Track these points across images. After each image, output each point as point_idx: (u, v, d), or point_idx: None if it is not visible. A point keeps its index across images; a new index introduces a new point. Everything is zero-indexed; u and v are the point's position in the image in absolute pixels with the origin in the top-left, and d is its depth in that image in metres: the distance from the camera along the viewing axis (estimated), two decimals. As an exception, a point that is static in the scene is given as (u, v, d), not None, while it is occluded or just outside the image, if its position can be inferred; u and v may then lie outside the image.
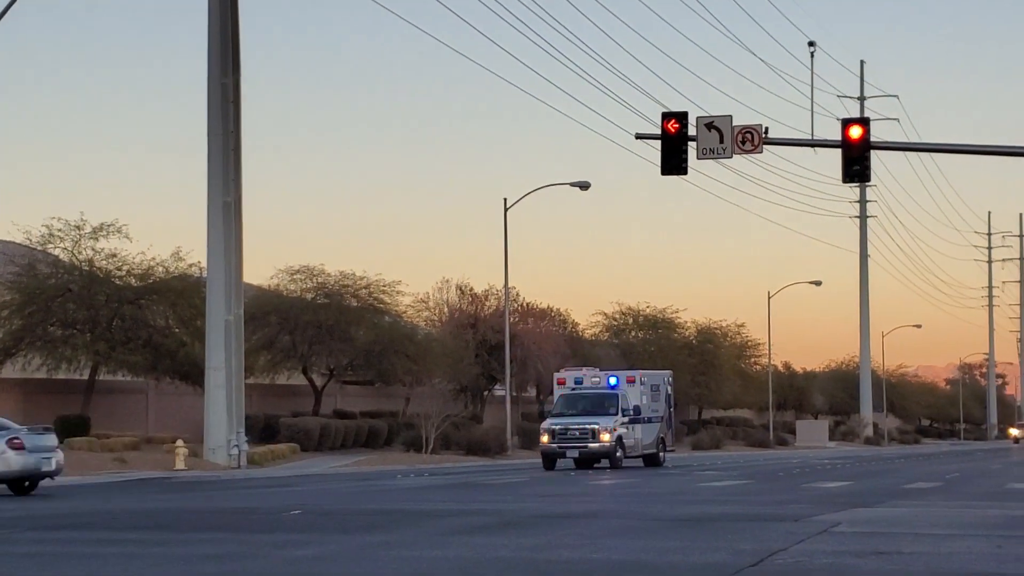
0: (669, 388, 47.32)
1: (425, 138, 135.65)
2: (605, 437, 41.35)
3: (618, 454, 41.54)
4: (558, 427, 41.89)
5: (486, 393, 68.27)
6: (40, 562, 13.64)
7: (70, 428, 45.58)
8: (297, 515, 20.26)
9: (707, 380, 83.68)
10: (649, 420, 44.20)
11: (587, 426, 41.46)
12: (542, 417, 44.60)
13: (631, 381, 44.41)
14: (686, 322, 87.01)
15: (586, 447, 41.42)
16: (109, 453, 41.16)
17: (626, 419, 42.25)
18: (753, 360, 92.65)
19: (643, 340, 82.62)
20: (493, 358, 64.86)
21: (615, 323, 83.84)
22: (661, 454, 45.29)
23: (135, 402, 53.61)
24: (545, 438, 42.40)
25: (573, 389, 44.07)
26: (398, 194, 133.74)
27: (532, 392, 73.75)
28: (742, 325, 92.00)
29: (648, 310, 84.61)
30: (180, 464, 39.19)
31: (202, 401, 43.50)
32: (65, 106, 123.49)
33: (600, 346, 78.26)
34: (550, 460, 42.21)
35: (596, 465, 41.99)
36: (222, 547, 15.00)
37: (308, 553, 14.19)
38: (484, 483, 32.42)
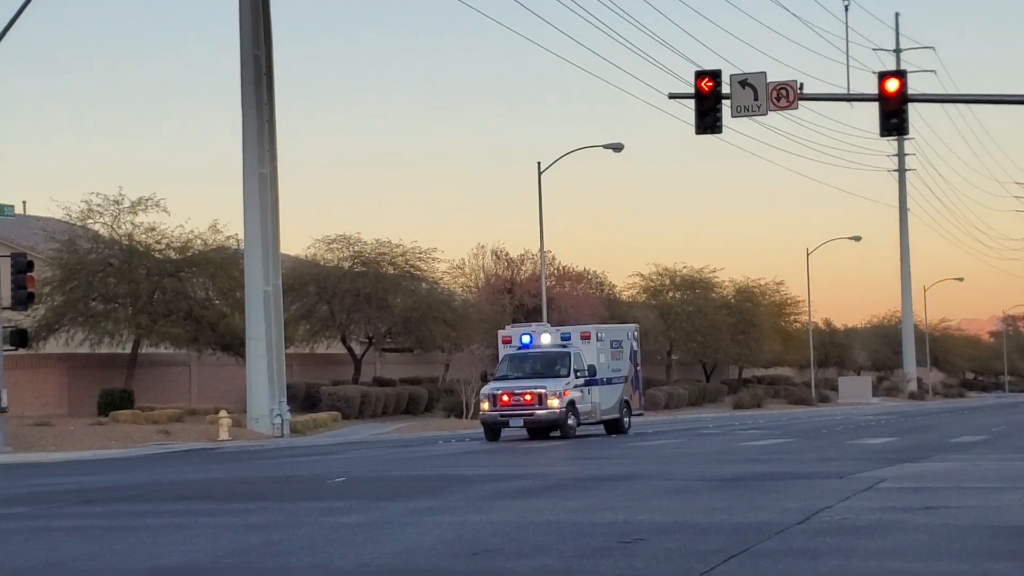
0: (635, 344, 40.84)
1: (458, 104, 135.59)
2: (553, 402, 35.81)
3: (570, 421, 36.04)
4: (500, 392, 36.20)
5: (525, 357, 68.22)
6: (87, 535, 13.73)
7: (114, 401, 45.97)
8: (341, 482, 20.34)
9: (747, 339, 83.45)
10: (609, 381, 38.35)
11: (533, 390, 35.93)
12: (484, 381, 38.60)
13: (586, 337, 38.27)
14: (724, 282, 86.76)
15: (532, 415, 35.83)
16: (153, 425, 41.44)
17: (580, 381, 36.64)
18: (793, 318, 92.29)
19: (681, 301, 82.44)
20: (531, 322, 64.78)
21: (652, 284, 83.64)
22: (626, 419, 39.18)
23: (178, 374, 53.95)
24: (485, 405, 36.52)
25: (520, 348, 38.13)
26: (432, 161, 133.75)
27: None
28: (781, 283, 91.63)
29: (685, 270, 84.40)
30: (224, 434, 39.41)
31: (244, 372, 43.73)
32: (101, 83, 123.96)
33: (638, 307, 78.15)
34: (492, 430, 36.49)
35: (552, 435, 36.47)
36: (268, 516, 15.07)
37: (353, 520, 14.24)
38: (525, 447, 32.46)
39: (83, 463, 31.22)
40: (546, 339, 37.98)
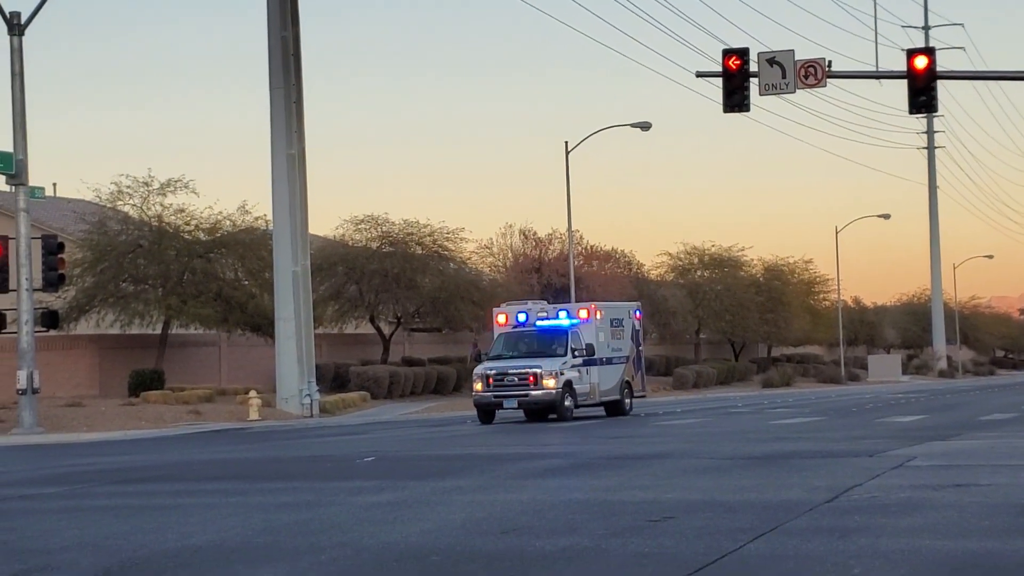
0: (636, 323, 39.61)
1: (485, 84, 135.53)
2: (549, 383, 34.44)
3: (567, 403, 34.78)
4: (493, 372, 34.96)
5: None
6: (118, 515, 13.82)
7: (145, 382, 46.22)
8: (370, 462, 20.41)
9: (775, 317, 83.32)
10: (609, 361, 37.17)
11: (528, 370, 34.59)
12: (477, 361, 37.43)
13: (584, 315, 36.99)
14: (752, 260, 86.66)
15: (526, 395, 34.57)
16: (184, 406, 41.65)
17: (578, 360, 35.38)
18: (822, 296, 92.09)
19: (709, 279, 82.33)
20: (559, 302, 64.82)
21: (680, 263, 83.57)
22: (627, 401, 37.89)
23: (207, 355, 54.19)
24: (478, 385, 35.24)
25: (516, 327, 36.81)
26: (459, 141, 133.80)
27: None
28: (810, 261, 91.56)
29: (713, 249, 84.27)
30: (254, 414, 39.58)
31: (273, 352, 43.88)
32: (129, 65, 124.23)
33: (665, 286, 78.08)
34: (485, 412, 35.21)
35: (550, 417, 35.23)
36: (299, 495, 15.14)
37: (383, 499, 14.30)
38: (554, 426, 32.50)
39: (114, 443, 31.41)
40: (543, 317, 36.77)
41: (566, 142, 59.04)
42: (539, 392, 34.51)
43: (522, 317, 36.76)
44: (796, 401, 50.09)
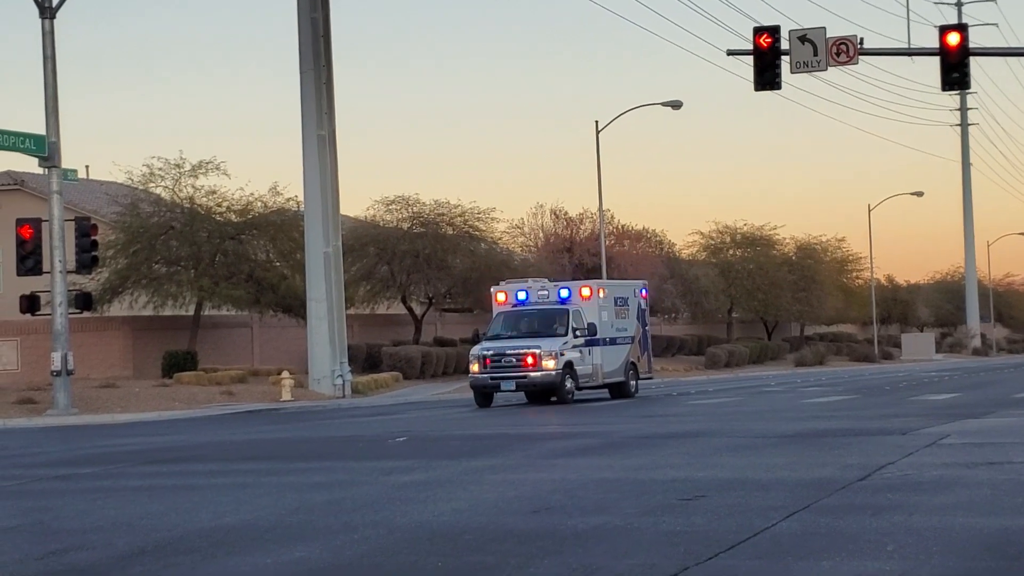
0: (642, 302, 37.82)
1: (514, 62, 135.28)
2: (549, 363, 32.87)
3: (567, 385, 33.24)
4: (491, 352, 33.28)
5: (585, 316, 68.23)
6: (152, 495, 13.91)
7: (178, 363, 46.41)
8: (403, 442, 20.47)
9: (808, 296, 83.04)
10: (613, 342, 35.49)
11: (527, 350, 33.06)
12: (475, 341, 35.77)
13: (587, 294, 35.22)
14: (785, 239, 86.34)
15: (525, 376, 32.94)
16: (217, 387, 41.82)
17: (580, 341, 33.81)
18: (855, 274, 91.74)
19: (741, 258, 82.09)
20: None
21: (712, 242, 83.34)
22: (632, 383, 36.28)
23: (240, 336, 54.37)
24: (475, 367, 33.53)
25: (515, 306, 35.10)
26: (489, 120, 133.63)
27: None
28: (842, 240, 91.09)
29: (745, 228, 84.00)
30: (286, 395, 39.71)
31: (305, 333, 44.00)
32: (161, 47, 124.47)
33: (698, 265, 77.92)
34: (483, 395, 33.68)
35: (552, 400, 33.79)
36: (331, 475, 15.20)
37: (415, 478, 14.34)
38: (586, 406, 32.51)
39: (148, 424, 31.59)
40: (543, 295, 35.14)
41: (596, 121, 58.96)
42: (538, 373, 32.95)
43: (522, 295, 35.24)
44: (829, 380, 49.95)
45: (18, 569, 9.48)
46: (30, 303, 35.54)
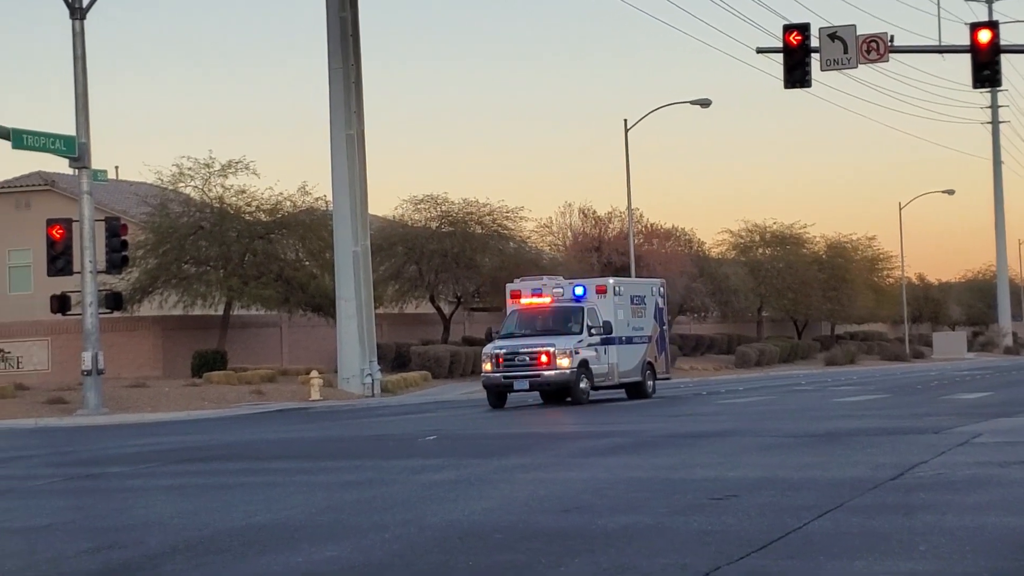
0: (660, 300, 37.11)
1: (542, 61, 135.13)
2: (563, 362, 32.17)
3: (582, 384, 32.50)
4: (504, 351, 32.60)
5: (613, 315, 68.13)
6: (183, 494, 13.94)
7: (208, 363, 46.57)
8: (432, 440, 20.48)
9: (838, 295, 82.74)
10: (629, 341, 34.82)
11: (540, 348, 32.37)
12: (488, 339, 34.85)
13: (602, 291, 34.48)
14: (815, 237, 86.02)
15: (539, 376, 32.20)
16: (246, 386, 41.94)
17: (595, 339, 33.15)
18: (886, 273, 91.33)
19: (771, 257, 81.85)
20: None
21: (742, 241, 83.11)
22: (649, 383, 35.48)
23: (269, 335, 54.52)
24: (487, 366, 32.83)
25: (528, 304, 34.55)
26: (518, 120, 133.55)
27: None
28: (873, 238, 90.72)
29: (775, 226, 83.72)
30: (315, 394, 39.79)
31: (334, 332, 44.09)
32: (188, 47, 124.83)
33: (727, 264, 77.73)
34: (496, 395, 32.92)
35: (567, 400, 32.98)
36: (361, 474, 15.21)
37: (445, 477, 14.33)
38: (615, 405, 32.46)
39: (178, 423, 31.69)
40: (558, 293, 34.38)
41: (625, 120, 58.91)
42: (552, 372, 32.20)
43: (537, 293, 34.56)
44: (860, 379, 49.75)
45: (52, 568, 9.51)
46: (61, 303, 35.69)
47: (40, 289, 49.15)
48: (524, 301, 34.42)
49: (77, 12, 35.07)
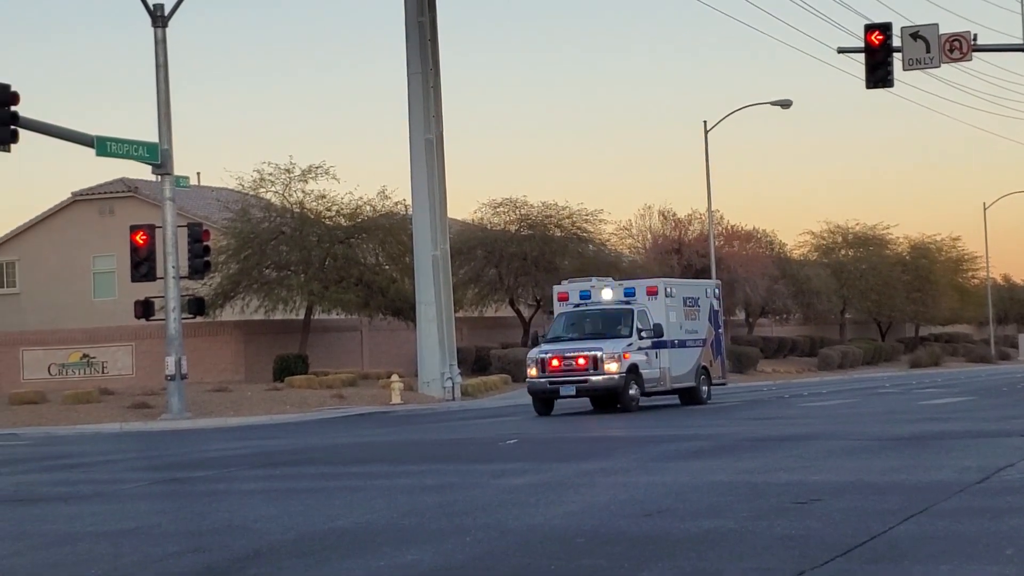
0: (715, 302, 35.69)
1: (621, 63, 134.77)
2: (611, 367, 30.66)
3: (631, 391, 30.98)
4: (549, 355, 31.21)
5: (694, 318, 67.81)
6: (266, 498, 14.03)
7: (289, 367, 46.90)
8: (513, 444, 20.47)
9: (923, 296, 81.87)
10: (683, 344, 33.40)
11: (588, 352, 30.89)
12: (534, 343, 33.57)
13: (653, 292, 33.07)
14: (898, 238, 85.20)
15: (586, 380, 30.74)
16: (328, 390, 42.16)
17: (646, 343, 31.66)
18: (971, 274, 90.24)
19: (854, 258, 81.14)
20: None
21: (824, 242, 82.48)
22: (704, 388, 33.98)
23: (350, 339, 54.82)
24: (533, 371, 31.41)
25: (577, 306, 33.19)
26: (597, 122, 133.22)
27: (741, 315, 73.10)
28: (957, 239, 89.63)
29: (857, 227, 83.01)
30: (396, 398, 39.93)
31: (414, 336, 44.21)
32: (268, 53, 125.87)
33: (809, 266, 77.16)
34: (542, 401, 31.46)
35: (618, 406, 31.24)
36: (443, 478, 15.22)
37: (526, 481, 14.31)
38: (697, 408, 32.28)
39: (260, 427, 31.93)
40: (607, 295, 32.96)
41: (705, 121, 58.69)
42: (600, 377, 30.70)
43: (585, 295, 33.26)
44: (945, 381, 49.16)
45: (138, 571, 9.61)
46: (145, 308, 36.07)
47: (124, 295, 49.80)
48: (572, 303, 33.25)
49: (159, 20, 35.45)
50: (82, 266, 58.78)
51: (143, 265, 35.40)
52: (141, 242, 35.39)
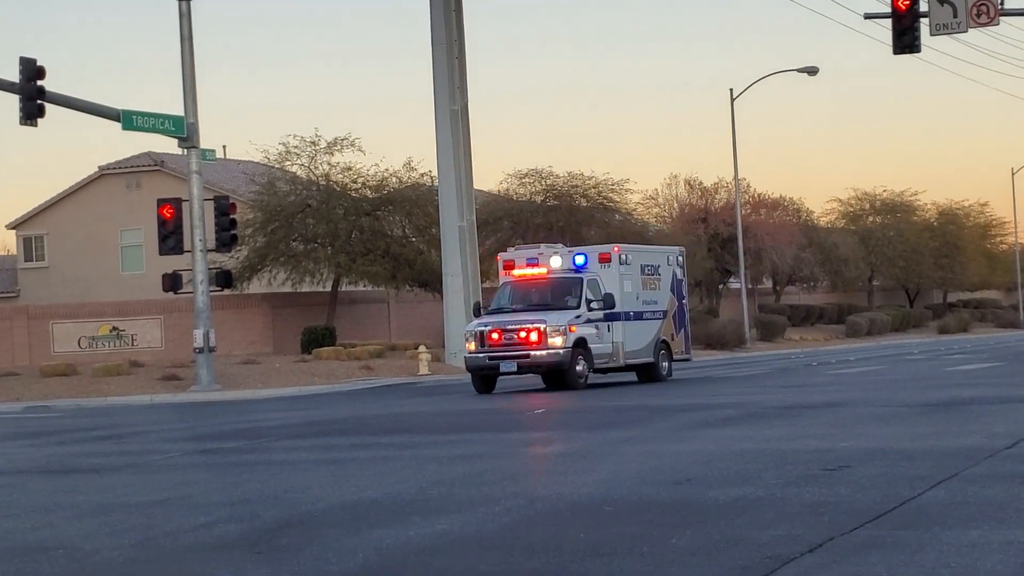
0: (679, 270, 32.71)
1: (647, 31, 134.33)
2: (556, 340, 28.16)
3: (578, 367, 28.44)
4: (489, 328, 28.73)
5: (721, 287, 67.85)
6: (296, 468, 14.10)
7: (317, 339, 47.03)
8: (540, 414, 20.51)
9: (950, 263, 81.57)
10: (639, 316, 30.60)
11: (530, 325, 28.36)
12: (476, 315, 31.44)
13: (605, 260, 30.31)
14: (926, 204, 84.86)
15: (528, 356, 28.20)
16: (355, 361, 42.26)
17: (596, 315, 29.10)
18: (999, 239, 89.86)
19: (881, 225, 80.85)
20: (726, 251, 64.34)
21: (851, 209, 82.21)
22: (664, 364, 31.09)
23: (377, 311, 54.93)
24: (471, 345, 28.95)
25: (522, 275, 30.44)
26: (622, 90, 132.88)
27: (768, 284, 72.95)
28: (985, 204, 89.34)
29: (885, 194, 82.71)
30: (424, 369, 40.01)
31: (441, 307, 44.27)
32: (292, 25, 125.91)
33: (837, 233, 76.92)
34: (481, 379, 29.09)
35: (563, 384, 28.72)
36: (471, 447, 15.27)
37: (554, 450, 14.36)
38: (724, 376, 32.27)
39: (289, 399, 32.06)
40: (556, 262, 30.21)
41: (731, 89, 58.49)
42: (543, 352, 28.16)
43: (531, 262, 30.56)
44: (973, 347, 49.00)
45: (169, 541, 9.68)
46: (172, 281, 36.20)
47: (152, 268, 50.01)
48: (517, 272, 30.51)
49: (184, -6, 35.43)
50: (110, 240, 59.05)
51: (170, 238, 35.50)
52: (168, 215, 35.49)
